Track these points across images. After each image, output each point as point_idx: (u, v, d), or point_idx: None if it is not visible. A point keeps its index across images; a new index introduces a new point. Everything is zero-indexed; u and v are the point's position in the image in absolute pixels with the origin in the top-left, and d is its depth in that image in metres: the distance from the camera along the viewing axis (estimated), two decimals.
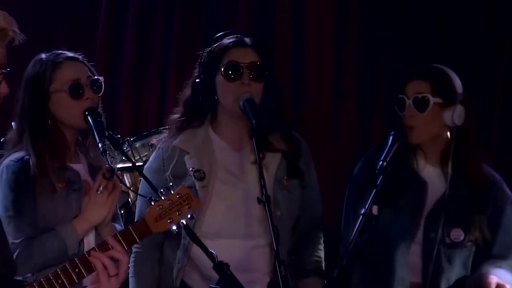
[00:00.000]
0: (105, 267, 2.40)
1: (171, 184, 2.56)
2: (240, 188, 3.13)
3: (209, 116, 3.19)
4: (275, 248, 2.79)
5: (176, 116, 3.22)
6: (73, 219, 2.96)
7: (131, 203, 4.09)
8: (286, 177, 3.18)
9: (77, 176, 3.02)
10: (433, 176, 3.22)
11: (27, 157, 2.98)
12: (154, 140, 4.04)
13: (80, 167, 3.06)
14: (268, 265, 3.10)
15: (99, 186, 2.96)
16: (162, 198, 2.51)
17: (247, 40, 3.17)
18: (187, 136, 3.16)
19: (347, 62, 4.87)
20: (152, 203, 2.50)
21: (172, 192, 2.52)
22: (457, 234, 3.15)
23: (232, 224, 3.10)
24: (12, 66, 2.54)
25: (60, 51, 3.06)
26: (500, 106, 4.60)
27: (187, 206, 2.51)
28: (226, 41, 3.16)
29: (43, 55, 3.05)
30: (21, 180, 2.95)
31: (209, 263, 2.73)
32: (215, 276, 2.73)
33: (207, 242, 2.80)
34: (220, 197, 3.11)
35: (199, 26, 5.04)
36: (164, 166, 3.14)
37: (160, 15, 5.11)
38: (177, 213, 2.50)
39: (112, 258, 2.42)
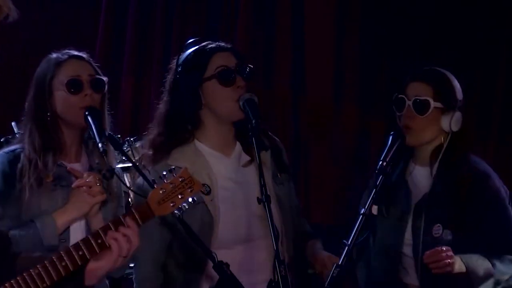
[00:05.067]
0: (121, 246, 2.40)
1: (173, 167, 2.57)
2: (241, 192, 3.13)
3: (190, 129, 3.15)
4: (275, 248, 2.79)
5: (157, 138, 3.12)
6: (56, 211, 2.96)
7: (131, 203, 4.09)
8: (278, 172, 3.20)
9: (66, 173, 3.04)
10: (421, 176, 3.24)
11: (19, 150, 3.03)
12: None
13: (77, 166, 3.07)
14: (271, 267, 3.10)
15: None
16: (165, 181, 2.51)
17: (224, 44, 3.17)
18: (178, 154, 3.08)
19: (347, 62, 4.87)
20: (155, 186, 2.51)
21: (175, 175, 2.52)
22: (437, 229, 3.15)
23: (240, 228, 3.10)
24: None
25: (67, 50, 3.11)
26: (500, 104, 4.60)
27: (189, 190, 2.51)
28: (206, 47, 3.13)
29: (53, 54, 3.11)
30: (7, 171, 2.99)
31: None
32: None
33: (224, 252, 2.80)
34: (227, 205, 3.09)
35: (199, 26, 5.04)
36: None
37: (160, 15, 5.12)
38: (179, 196, 2.50)
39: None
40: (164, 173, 2.53)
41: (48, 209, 2.97)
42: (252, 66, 3.14)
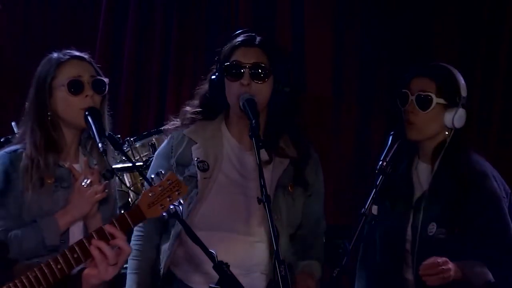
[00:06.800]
0: (105, 256, 2.39)
1: (161, 170, 2.60)
2: (241, 185, 3.14)
3: (224, 112, 3.21)
4: (275, 248, 2.79)
5: (190, 108, 3.23)
6: (57, 212, 2.98)
7: (131, 203, 4.09)
8: (291, 184, 3.18)
9: (68, 174, 3.04)
10: (423, 172, 3.23)
11: (21, 150, 3.04)
12: (157, 136, 4.08)
13: (77, 167, 3.08)
14: (267, 264, 3.10)
15: (86, 180, 2.97)
16: (154, 184, 2.54)
17: (255, 39, 3.16)
18: (198, 127, 3.19)
19: (347, 61, 4.87)
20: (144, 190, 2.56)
21: (162, 178, 2.55)
22: (431, 228, 3.14)
23: (230, 219, 3.10)
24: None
25: (68, 50, 3.10)
26: (500, 104, 4.59)
27: (177, 192, 2.55)
28: (235, 40, 3.16)
29: (54, 54, 3.10)
30: (9, 171, 2.99)
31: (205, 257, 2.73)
32: (211, 270, 2.73)
33: (199, 233, 2.81)
34: (221, 191, 3.11)
35: (199, 26, 5.04)
36: (172, 153, 3.18)
37: (160, 15, 5.11)
38: (168, 199, 2.54)
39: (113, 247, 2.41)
40: (153, 176, 2.56)
41: (50, 210, 2.98)
42: (275, 68, 3.10)
